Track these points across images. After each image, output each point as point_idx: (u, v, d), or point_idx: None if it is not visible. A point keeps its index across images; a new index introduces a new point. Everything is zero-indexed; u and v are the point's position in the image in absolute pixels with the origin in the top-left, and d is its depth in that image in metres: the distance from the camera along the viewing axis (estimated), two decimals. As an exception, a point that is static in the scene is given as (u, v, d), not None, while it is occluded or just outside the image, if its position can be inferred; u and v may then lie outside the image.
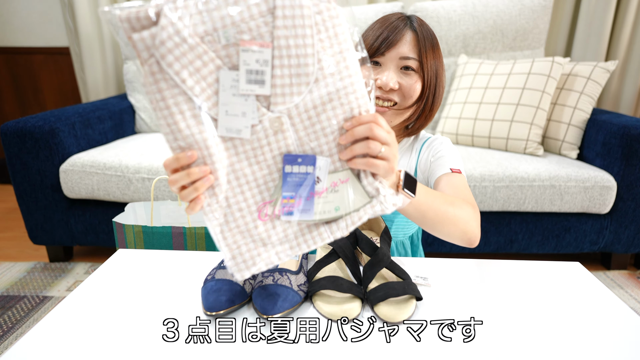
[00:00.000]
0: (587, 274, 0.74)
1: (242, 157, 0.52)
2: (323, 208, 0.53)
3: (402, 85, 0.81)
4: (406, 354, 0.53)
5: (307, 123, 0.52)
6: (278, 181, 0.53)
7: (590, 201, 1.51)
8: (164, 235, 0.99)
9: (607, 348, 0.54)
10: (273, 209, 0.53)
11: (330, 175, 0.53)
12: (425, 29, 0.82)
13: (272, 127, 0.51)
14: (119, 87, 2.49)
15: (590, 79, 1.66)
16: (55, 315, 0.60)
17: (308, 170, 0.53)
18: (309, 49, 0.49)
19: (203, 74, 0.48)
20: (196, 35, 0.47)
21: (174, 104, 0.48)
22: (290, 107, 0.51)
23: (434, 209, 0.67)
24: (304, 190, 0.53)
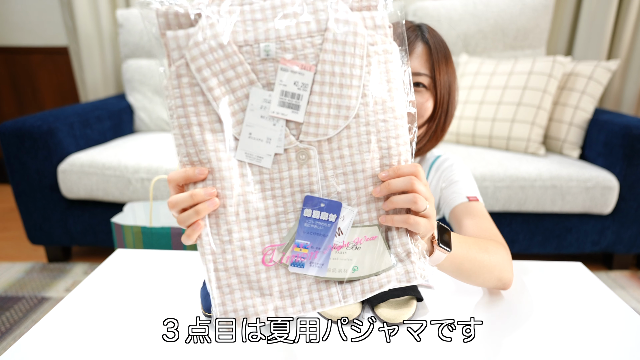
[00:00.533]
0: (589, 274, 0.73)
1: (257, 187, 0.46)
2: (339, 266, 0.46)
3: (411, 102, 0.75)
4: (406, 354, 0.52)
5: (339, 162, 0.46)
6: (293, 223, 0.46)
7: (592, 201, 1.50)
8: (163, 236, 0.98)
9: (608, 348, 0.54)
10: (281, 255, 0.46)
11: (355, 228, 0.47)
12: (438, 39, 0.75)
13: (298, 159, 0.46)
14: (117, 87, 2.49)
15: (591, 78, 1.65)
16: (54, 316, 0.60)
17: (330, 218, 0.46)
18: (355, 80, 0.45)
19: (233, 86, 0.44)
20: (235, 44, 0.43)
21: (194, 113, 0.44)
22: (322, 141, 0.45)
23: (470, 259, 0.60)
24: (321, 241, 0.46)
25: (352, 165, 0.46)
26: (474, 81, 1.81)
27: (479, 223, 0.73)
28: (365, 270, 0.46)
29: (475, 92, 1.78)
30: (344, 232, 0.47)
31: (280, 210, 0.46)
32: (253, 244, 0.46)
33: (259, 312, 0.46)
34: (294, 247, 0.46)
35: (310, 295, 0.47)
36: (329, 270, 0.46)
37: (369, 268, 0.46)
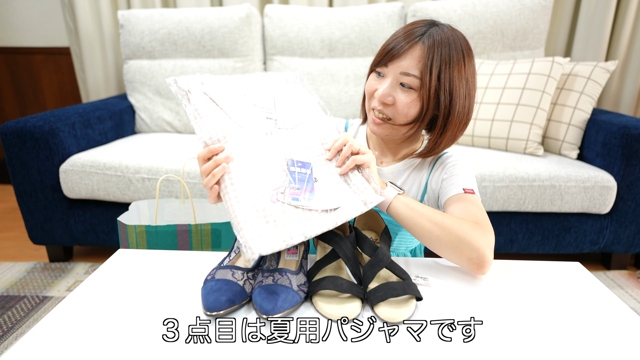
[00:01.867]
0: (587, 274, 0.74)
1: (259, 152, 0.68)
2: (322, 199, 0.65)
3: (396, 101, 0.76)
4: (406, 354, 0.53)
5: (300, 141, 0.72)
6: (284, 175, 0.67)
7: (591, 201, 1.51)
8: (168, 234, 0.99)
9: (607, 348, 0.54)
10: (283, 195, 0.64)
11: (323, 178, 0.69)
12: (444, 43, 0.73)
13: (277, 136, 0.71)
14: (119, 87, 2.49)
15: (590, 79, 1.66)
16: (55, 315, 0.60)
17: (307, 172, 0.67)
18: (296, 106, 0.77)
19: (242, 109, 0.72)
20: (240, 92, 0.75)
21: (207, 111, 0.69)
22: (288, 129, 0.73)
23: (430, 218, 0.70)
24: (306, 184, 0.66)
25: (308, 142, 0.73)
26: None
27: (466, 207, 0.74)
28: (339, 201, 0.66)
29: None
30: (318, 179, 0.68)
31: (274, 168, 0.67)
32: (264, 188, 0.64)
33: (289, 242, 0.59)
34: (290, 188, 0.65)
35: (316, 220, 0.63)
36: (317, 203, 0.65)
37: (342, 199, 0.67)
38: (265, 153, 0.68)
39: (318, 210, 0.64)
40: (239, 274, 0.64)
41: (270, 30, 2.04)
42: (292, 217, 0.62)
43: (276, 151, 0.69)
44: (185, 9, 2.06)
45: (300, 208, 0.64)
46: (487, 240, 0.69)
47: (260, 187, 0.64)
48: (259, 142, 0.69)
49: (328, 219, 0.64)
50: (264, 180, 0.65)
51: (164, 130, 2.13)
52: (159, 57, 2.08)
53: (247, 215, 0.60)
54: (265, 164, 0.67)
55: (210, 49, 2.04)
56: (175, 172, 1.53)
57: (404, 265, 0.76)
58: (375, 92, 0.78)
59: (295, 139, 0.72)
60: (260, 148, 0.68)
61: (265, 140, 0.69)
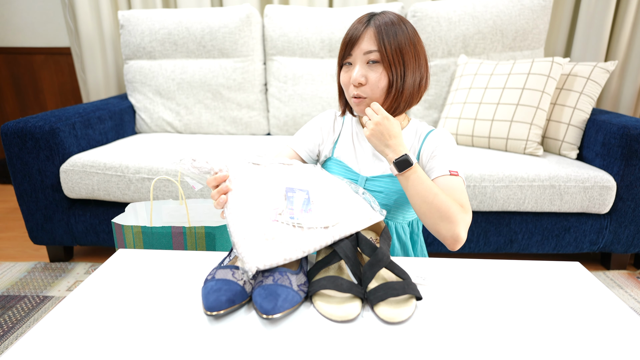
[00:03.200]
0: (587, 273, 0.74)
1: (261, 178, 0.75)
2: (319, 217, 0.70)
3: (368, 78, 0.87)
4: (406, 354, 0.53)
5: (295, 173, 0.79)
6: (282, 199, 0.72)
7: (590, 201, 1.51)
8: (164, 236, 0.99)
9: (607, 348, 0.55)
10: (280, 215, 0.69)
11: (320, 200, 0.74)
12: (390, 23, 0.86)
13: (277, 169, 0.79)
14: (119, 87, 2.50)
15: (589, 79, 1.66)
16: (56, 315, 0.60)
17: (304, 195, 0.73)
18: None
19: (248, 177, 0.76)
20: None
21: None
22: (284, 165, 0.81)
23: (428, 187, 0.80)
24: (304, 206, 0.71)
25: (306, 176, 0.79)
26: (472, 82, 1.82)
27: (449, 190, 0.83)
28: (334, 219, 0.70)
29: (474, 92, 1.79)
30: (315, 202, 0.73)
31: (273, 190, 0.73)
32: (266, 208, 0.70)
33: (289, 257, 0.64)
34: (287, 209, 0.70)
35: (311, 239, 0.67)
36: (314, 221, 0.69)
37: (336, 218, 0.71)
38: (265, 181, 0.75)
39: (317, 227, 0.68)
40: (239, 274, 0.64)
41: (270, 30, 2.04)
42: (291, 235, 0.66)
43: (275, 178, 0.76)
44: (185, 9, 2.06)
45: (298, 226, 0.68)
46: (466, 222, 0.79)
47: (260, 210, 0.69)
48: (259, 173, 0.76)
49: (326, 234, 0.68)
50: (264, 204, 0.70)
51: (164, 130, 2.13)
52: (159, 57, 2.08)
53: (246, 233, 0.65)
54: (265, 190, 0.73)
55: (211, 49, 2.04)
56: (175, 173, 1.54)
57: (404, 265, 0.76)
58: (350, 79, 0.89)
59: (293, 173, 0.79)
60: (260, 177, 0.75)
61: (265, 171, 0.77)
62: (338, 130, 1.04)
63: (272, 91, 2.10)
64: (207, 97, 2.07)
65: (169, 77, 2.07)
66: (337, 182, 0.80)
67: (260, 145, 1.84)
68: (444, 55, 1.99)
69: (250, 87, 2.07)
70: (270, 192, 0.73)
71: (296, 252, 0.64)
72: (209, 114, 2.09)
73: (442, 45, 1.97)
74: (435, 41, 1.97)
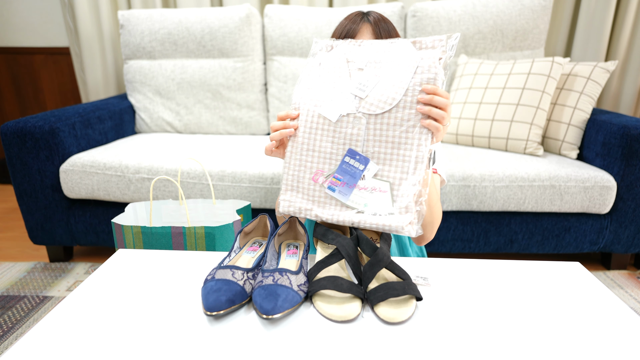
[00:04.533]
0: (587, 274, 0.74)
1: (325, 133, 0.72)
2: (356, 200, 0.69)
3: None
4: (406, 354, 0.53)
5: (377, 132, 0.69)
6: (337, 162, 0.71)
7: (590, 201, 1.51)
8: (163, 236, 0.99)
9: (607, 348, 0.54)
10: (324, 179, 0.70)
11: (374, 179, 0.69)
12: (382, 19, 0.94)
13: (353, 122, 0.70)
14: (119, 87, 2.49)
15: (590, 79, 1.66)
16: (55, 315, 0.60)
17: (360, 167, 0.69)
18: (403, 84, 0.69)
19: (332, 74, 0.74)
20: (346, 58, 0.75)
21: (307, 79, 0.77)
22: (371, 115, 0.69)
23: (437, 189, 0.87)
24: (350, 180, 0.69)
25: (386, 136, 0.69)
26: (473, 82, 1.82)
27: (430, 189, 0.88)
28: (371, 209, 0.68)
29: (474, 92, 1.79)
30: (366, 178, 0.69)
31: (333, 152, 0.71)
32: (311, 166, 0.72)
33: (306, 213, 0.71)
34: (332, 177, 0.70)
35: (335, 210, 0.70)
36: (349, 200, 0.69)
37: (374, 209, 0.68)
38: (331, 134, 0.71)
39: (350, 208, 0.69)
40: (239, 274, 0.64)
41: (270, 30, 2.04)
42: (322, 198, 0.71)
43: (343, 135, 0.71)
44: (185, 9, 2.06)
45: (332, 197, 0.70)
46: (436, 222, 0.87)
47: (307, 163, 0.72)
48: (331, 122, 0.72)
49: (352, 215, 0.68)
50: (315, 159, 0.72)
51: (164, 130, 2.13)
52: (159, 57, 2.08)
53: (288, 180, 0.73)
54: (323, 145, 0.71)
55: (211, 49, 2.04)
56: (175, 172, 1.54)
57: (404, 265, 0.76)
58: None
59: (374, 126, 0.70)
60: (329, 128, 0.72)
61: (339, 121, 0.71)
62: None
63: (272, 91, 2.10)
64: (207, 97, 2.07)
65: (169, 77, 2.07)
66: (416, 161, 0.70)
67: (261, 145, 1.84)
68: (444, 55, 1.99)
69: (250, 87, 2.07)
70: (329, 145, 0.71)
71: (315, 214, 0.70)
72: (208, 114, 2.09)
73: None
74: (435, 41, 1.96)
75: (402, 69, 0.69)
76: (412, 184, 0.67)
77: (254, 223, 0.80)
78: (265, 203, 1.56)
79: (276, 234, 0.74)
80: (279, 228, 0.75)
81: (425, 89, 0.68)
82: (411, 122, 0.68)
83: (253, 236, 0.82)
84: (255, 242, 0.80)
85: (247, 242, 0.80)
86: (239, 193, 1.54)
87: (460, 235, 1.60)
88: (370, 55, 0.73)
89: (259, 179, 1.53)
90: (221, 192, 1.55)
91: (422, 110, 0.68)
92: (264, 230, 0.82)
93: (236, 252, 0.74)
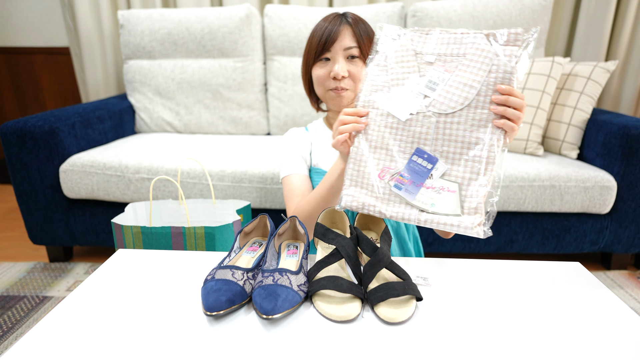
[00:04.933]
0: (587, 274, 0.74)
1: (393, 131, 0.71)
2: (423, 199, 0.67)
3: (350, 72, 0.95)
4: (406, 354, 0.53)
5: (447, 131, 0.67)
6: (405, 160, 0.69)
7: (591, 201, 1.51)
8: (163, 236, 0.99)
9: (607, 348, 0.54)
10: (390, 177, 0.70)
11: (442, 179, 0.67)
12: (359, 20, 0.97)
13: (422, 121, 0.69)
14: (119, 87, 2.49)
15: (590, 79, 1.66)
16: (55, 315, 0.60)
17: (428, 166, 0.68)
18: (475, 84, 0.67)
19: (403, 71, 0.72)
20: (414, 50, 0.72)
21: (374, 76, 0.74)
22: (441, 114, 0.67)
23: None
24: (417, 179, 0.68)
25: (456, 136, 0.67)
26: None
27: None
28: (439, 209, 0.66)
29: (474, 92, 1.79)
30: (434, 178, 0.67)
31: (401, 150, 0.70)
32: (377, 163, 0.72)
33: (369, 209, 0.71)
34: (399, 175, 0.69)
35: (400, 208, 0.68)
36: (415, 199, 0.68)
37: (441, 209, 0.66)
38: (399, 132, 0.71)
39: (414, 206, 0.68)
40: (239, 274, 0.64)
41: (270, 30, 2.04)
42: (387, 195, 0.70)
43: (411, 133, 0.69)
44: (185, 9, 2.06)
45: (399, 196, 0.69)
46: None
47: (374, 160, 0.72)
48: (400, 121, 0.71)
49: (414, 213, 0.67)
50: (382, 156, 0.71)
51: (164, 130, 2.13)
52: (159, 57, 2.08)
53: (352, 175, 0.73)
54: (391, 143, 0.71)
55: (210, 49, 2.04)
56: (175, 172, 1.53)
57: (404, 265, 0.76)
58: (330, 72, 0.95)
59: (443, 125, 0.68)
60: (397, 126, 0.71)
61: (408, 120, 0.70)
62: (309, 142, 1.09)
63: (272, 91, 2.10)
64: (206, 97, 2.07)
65: (169, 77, 2.06)
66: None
67: (260, 145, 1.84)
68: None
69: (250, 87, 2.06)
70: (397, 143, 0.70)
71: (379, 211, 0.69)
72: (208, 114, 2.09)
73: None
74: (436, 41, 1.96)
75: (475, 66, 0.67)
76: (482, 184, 0.65)
77: (254, 223, 0.79)
78: (265, 203, 1.56)
79: (276, 234, 0.74)
80: (278, 228, 0.75)
81: (500, 89, 0.65)
82: (483, 121, 0.66)
83: (253, 236, 0.81)
84: (255, 242, 0.80)
85: (247, 242, 0.80)
86: (239, 193, 1.54)
87: (460, 235, 1.60)
88: (440, 48, 0.70)
89: (259, 179, 1.53)
90: (221, 192, 1.55)
91: (496, 110, 0.66)
92: (264, 230, 0.82)
93: (236, 252, 0.74)
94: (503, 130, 0.66)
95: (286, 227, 0.78)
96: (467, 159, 0.66)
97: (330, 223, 0.84)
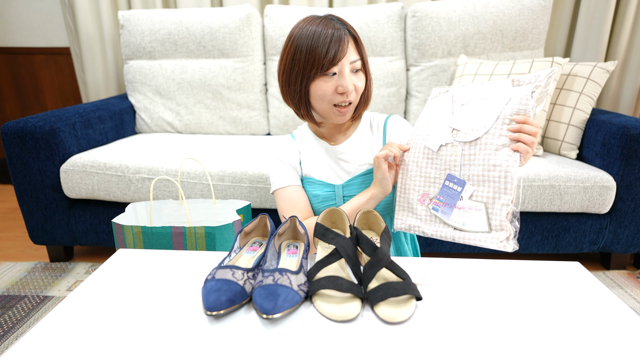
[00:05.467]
0: (587, 273, 0.74)
1: (429, 161, 0.83)
2: (456, 218, 0.77)
3: (356, 86, 0.93)
4: (406, 353, 0.53)
5: (472, 157, 0.77)
6: (440, 186, 0.80)
7: (590, 201, 1.51)
8: (164, 236, 0.99)
9: (606, 348, 0.55)
10: (429, 201, 0.81)
11: (470, 200, 0.76)
12: (351, 28, 0.94)
13: (451, 150, 0.80)
14: (119, 87, 2.50)
15: (589, 79, 1.66)
16: (56, 315, 0.60)
17: (458, 189, 0.78)
18: (493, 114, 0.77)
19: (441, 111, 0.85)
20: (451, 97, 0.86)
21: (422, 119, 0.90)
22: (466, 142, 0.78)
23: None
24: (451, 201, 0.78)
25: (478, 160, 0.77)
26: (472, 82, 1.82)
27: None
28: (470, 227, 0.76)
29: (474, 92, 1.79)
30: (463, 199, 0.77)
31: (436, 176, 0.82)
32: (418, 189, 0.84)
33: (415, 230, 0.83)
34: (436, 199, 0.80)
35: (438, 227, 0.79)
36: (450, 219, 0.78)
37: (472, 227, 0.75)
38: (434, 161, 0.82)
39: (450, 225, 0.77)
40: (239, 274, 0.64)
41: (270, 31, 2.05)
42: (428, 217, 0.81)
43: (443, 161, 0.81)
44: (185, 10, 2.06)
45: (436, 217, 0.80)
46: None
47: (416, 187, 0.84)
48: (433, 151, 0.82)
49: (449, 232, 0.77)
50: (422, 183, 0.83)
51: (164, 130, 2.13)
52: (159, 57, 2.08)
53: (401, 202, 0.86)
54: (428, 171, 0.83)
55: (211, 49, 2.04)
56: (175, 172, 1.54)
57: (404, 265, 0.76)
58: (337, 87, 0.90)
59: (468, 152, 0.79)
60: (432, 157, 0.82)
61: (440, 150, 0.81)
62: (297, 150, 1.06)
63: (272, 91, 2.10)
64: (207, 97, 2.07)
65: (169, 77, 2.07)
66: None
67: (261, 145, 1.84)
68: (444, 55, 1.99)
69: (250, 87, 2.07)
70: (434, 171, 0.82)
71: (422, 230, 0.81)
72: (209, 114, 2.09)
73: (442, 45, 1.97)
74: (435, 41, 1.97)
75: (496, 101, 0.78)
76: (504, 203, 0.73)
77: (254, 223, 0.80)
78: (265, 203, 1.56)
79: (276, 233, 0.74)
80: (278, 228, 0.76)
81: (516, 119, 0.74)
82: (500, 146, 0.75)
83: (253, 236, 0.82)
84: (255, 242, 0.80)
85: (247, 242, 0.80)
86: (239, 193, 1.55)
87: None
88: (474, 94, 0.82)
89: (259, 179, 1.53)
90: (221, 192, 1.55)
91: (512, 136, 0.74)
92: (264, 230, 0.82)
93: (236, 252, 0.74)
94: (519, 153, 0.74)
95: (286, 227, 0.79)
96: (488, 179, 0.75)
97: (330, 223, 0.84)
